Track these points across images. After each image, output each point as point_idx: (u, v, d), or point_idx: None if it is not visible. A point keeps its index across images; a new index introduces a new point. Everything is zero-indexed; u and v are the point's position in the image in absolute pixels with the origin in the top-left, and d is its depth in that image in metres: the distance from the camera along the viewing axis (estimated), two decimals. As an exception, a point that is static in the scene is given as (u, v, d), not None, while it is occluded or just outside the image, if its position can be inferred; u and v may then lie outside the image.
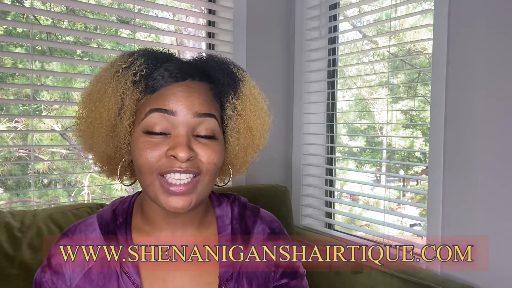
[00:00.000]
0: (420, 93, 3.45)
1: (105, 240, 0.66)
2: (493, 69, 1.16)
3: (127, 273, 0.64)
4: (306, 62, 1.79)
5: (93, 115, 0.63)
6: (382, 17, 2.86)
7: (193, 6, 1.85)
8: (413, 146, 3.93)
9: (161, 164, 0.59)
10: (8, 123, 3.35)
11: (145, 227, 0.68)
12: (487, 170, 1.17)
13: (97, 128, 0.63)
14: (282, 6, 1.83)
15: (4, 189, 3.42)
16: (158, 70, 0.64)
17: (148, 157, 0.59)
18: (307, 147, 1.81)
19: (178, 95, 0.61)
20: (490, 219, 1.17)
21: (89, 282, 0.64)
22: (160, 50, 0.68)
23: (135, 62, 0.63)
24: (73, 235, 0.68)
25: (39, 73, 2.50)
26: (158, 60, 0.65)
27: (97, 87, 0.64)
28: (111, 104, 0.62)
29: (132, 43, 1.61)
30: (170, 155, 0.59)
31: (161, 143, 0.60)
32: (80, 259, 0.65)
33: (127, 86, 0.62)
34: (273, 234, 0.74)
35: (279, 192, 1.58)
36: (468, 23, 1.21)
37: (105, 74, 0.64)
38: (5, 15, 3.24)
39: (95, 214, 0.71)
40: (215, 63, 0.69)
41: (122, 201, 0.72)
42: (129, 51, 0.67)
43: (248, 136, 0.69)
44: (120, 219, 0.68)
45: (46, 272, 0.67)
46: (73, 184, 3.64)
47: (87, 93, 0.65)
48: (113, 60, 0.66)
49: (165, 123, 0.60)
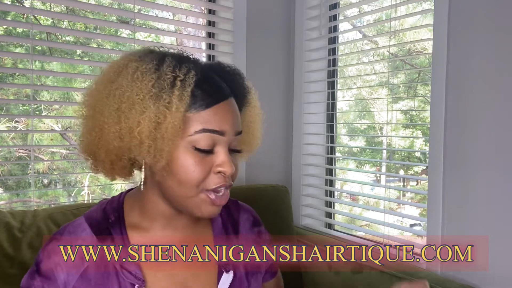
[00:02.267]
0: (420, 93, 3.45)
1: (98, 239, 0.65)
2: (493, 69, 1.16)
3: (127, 268, 0.64)
4: (306, 62, 1.79)
5: (128, 123, 0.59)
6: (382, 17, 2.86)
7: (193, 6, 1.85)
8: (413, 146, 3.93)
9: (210, 181, 0.62)
10: (8, 123, 3.36)
11: (143, 224, 0.69)
12: (487, 170, 1.17)
13: (130, 137, 0.60)
14: (282, 6, 1.83)
15: (4, 189, 3.42)
16: (210, 82, 0.63)
17: (198, 173, 0.61)
18: (307, 147, 1.81)
19: (227, 116, 0.63)
20: (490, 219, 1.17)
21: (87, 282, 0.63)
22: (194, 57, 0.68)
23: (189, 75, 0.60)
24: (62, 237, 0.66)
25: (39, 73, 2.50)
26: (206, 71, 0.65)
27: (140, 96, 0.59)
28: (156, 116, 0.59)
29: (132, 43, 1.61)
30: (218, 172, 0.63)
31: (207, 159, 0.62)
32: (74, 261, 0.64)
33: (183, 100, 0.59)
34: (255, 221, 0.83)
35: (279, 192, 1.58)
36: (468, 23, 1.21)
37: (149, 84, 0.59)
38: (5, 15, 3.24)
39: (80, 217, 0.69)
40: (233, 75, 0.71)
41: (110, 201, 0.71)
42: (173, 58, 0.63)
43: (251, 145, 0.75)
44: (112, 217, 0.68)
45: (35, 279, 0.64)
46: (73, 184, 3.64)
47: (126, 97, 0.60)
48: (149, 67, 0.60)
49: (212, 141, 0.62)
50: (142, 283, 0.64)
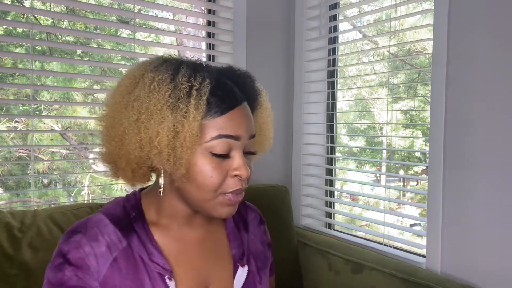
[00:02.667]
0: (420, 93, 3.45)
1: (122, 234, 0.67)
2: (493, 69, 1.16)
3: (154, 260, 0.67)
4: (306, 62, 1.79)
5: (148, 133, 0.61)
6: (382, 17, 2.86)
7: (193, 6, 1.85)
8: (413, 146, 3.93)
9: (227, 185, 0.65)
10: (8, 123, 3.36)
11: (162, 222, 0.71)
12: (487, 170, 1.17)
13: (150, 147, 0.61)
14: (282, 6, 1.83)
15: (4, 189, 3.42)
16: (224, 89, 0.65)
17: (216, 178, 0.64)
18: (307, 147, 1.82)
19: (242, 121, 0.65)
20: (490, 219, 1.17)
21: (118, 271, 0.65)
22: (205, 62, 0.70)
23: (204, 83, 0.62)
24: (86, 231, 0.67)
25: (39, 73, 2.50)
26: (217, 77, 0.66)
27: (158, 106, 0.60)
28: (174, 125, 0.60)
29: (132, 43, 1.61)
30: (235, 175, 0.65)
31: (224, 164, 0.65)
32: (102, 251, 0.65)
33: (199, 109, 0.61)
34: (261, 219, 0.87)
35: (279, 192, 1.58)
36: (468, 23, 1.21)
37: (166, 95, 0.61)
38: (5, 15, 3.24)
39: (97, 213, 0.71)
40: (245, 79, 0.72)
41: (126, 199, 0.73)
42: (188, 67, 0.64)
43: (261, 141, 0.76)
44: (133, 213, 0.70)
45: (65, 269, 0.64)
46: (73, 184, 3.64)
47: (144, 108, 0.61)
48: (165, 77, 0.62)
49: (228, 146, 0.65)
50: (171, 274, 0.66)
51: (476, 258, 1.19)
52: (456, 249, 1.24)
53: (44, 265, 0.68)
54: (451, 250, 1.25)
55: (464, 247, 1.22)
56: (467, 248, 1.22)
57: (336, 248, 1.43)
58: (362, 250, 1.40)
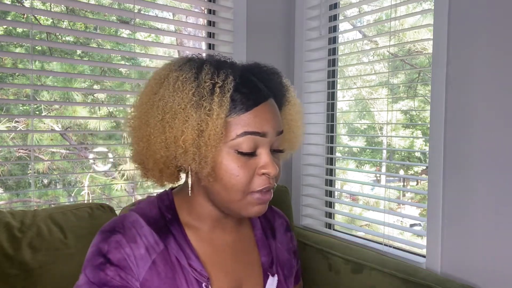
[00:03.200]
0: (420, 93, 3.45)
1: (159, 236, 0.66)
2: (493, 69, 1.16)
3: (192, 265, 0.66)
4: (306, 62, 1.79)
5: (173, 132, 0.61)
6: (382, 17, 2.87)
7: (193, 6, 1.85)
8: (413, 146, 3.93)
9: (254, 183, 0.64)
10: (8, 123, 3.36)
11: (194, 224, 0.70)
12: (487, 170, 1.17)
13: (176, 146, 0.61)
14: (282, 6, 1.83)
15: (4, 189, 3.42)
16: (248, 86, 0.64)
17: (243, 177, 0.63)
18: (307, 147, 1.82)
19: (268, 117, 0.64)
20: (490, 219, 1.17)
21: (157, 274, 0.64)
22: (232, 59, 0.70)
23: (227, 81, 0.62)
24: (125, 232, 0.65)
25: (39, 73, 2.50)
26: (244, 74, 0.66)
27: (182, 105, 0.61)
28: (198, 124, 0.60)
29: (132, 43, 1.61)
30: (262, 173, 0.64)
31: (251, 162, 0.63)
32: (141, 253, 0.64)
33: (223, 106, 0.60)
34: (287, 226, 0.86)
35: (279, 192, 1.57)
36: (468, 23, 1.21)
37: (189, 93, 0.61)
38: (5, 15, 3.24)
39: (131, 212, 0.69)
40: (272, 75, 0.72)
41: (160, 199, 0.72)
42: (211, 64, 0.64)
43: (292, 144, 0.77)
44: (169, 215, 0.69)
45: (107, 269, 0.62)
46: (73, 184, 3.64)
47: (169, 108, 0.61)
48: (189, 76, 0.62)
49: (254, 143, 0.63)
50: (208, 281, 0.66)
51: (476, 258, 1.19)
52: (456, 249, 1.24)
53: (44, 265, 0.68)
54: (451, 250, 1.25)
55: (464, 247, 1.22)
56: (467, 248, 1.22)
57: (336, 248, 1.43)
58: (362, 250, 1.40)
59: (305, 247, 1.53)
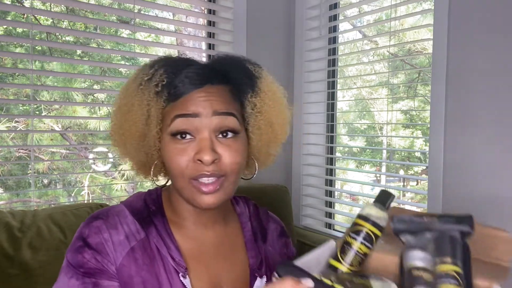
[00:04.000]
0: (420, 93, 3.45)
1: (141, 226, 0.68)
2: (493, 69, 1.16)
3: (172, 255, 0.67)
4: (306, 62, 1.79)
5: (123, 126, 0.67)
6: (382, 17, 2.87)
7: (193, 6, 1.85)
8: (413, 146, 3.93)
9: (191, 169, 0.64)
10: (8, 123, 3.36)
11: (178, 221, 0.72)
12: (487, 170, 1.17)
13: (128, 138, 0.67)
14: (282, 6, 1.83)
15: (4, 189, 3.42)
16: (178, 77, 0.67)
17: (178, 163, 0.64)
18: (307, 147, 1.82)
19: (198, 100, 0.65)
20: (490, 219, 1.17)
21: (134, 261, 0.65)
22: (179, 57, 0.73)
23: (156, 73, 0.66)
24: (107, 218, 0.68)
25: (39, 73, 2.50)
26: (178, 68, 0.68)
27: (125, 100, 0.68)
28: (138, 116, 0.66)
29: (132, 43, 1.61)
30: (197, 160, 0.63)
31: (188, 148, 0.64)
32: (120, 240, 0.66)
33: (151, 97, 0.65)
34: (282, 231, 0.85)
35: (279, 192, 1.57)
36: (468, 23, 1.21)
37: (130, 87, 0.68)
38: (5, 15, 3.24)
39: (119, 204, 0.72)
40: (232, 63, 0.73)
41: (148, 193, 0.75)
42: (151, 61, 0.70)
43: (269, 131, 0.73)
44: (153, 207, 0.71)
45: (85, 252, 0.64)
46: (73, 184, 3.64)
47: (117, 106, 0.69)
48: (136, 72, 0.69)
49: (190, 127, 0.64)
50: (185, 271, 0.66)
51: (476, 258, 1.19)
52: (456, 249, 1.24)
53: (44, 265, 0.68)
54: (451, 250, 1.25)
55: (464, 247, 1.22)
56: (467, 248, 1.22)
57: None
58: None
59: (305, 247, 1.53)
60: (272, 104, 0.72)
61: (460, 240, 0.52)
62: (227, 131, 0.65)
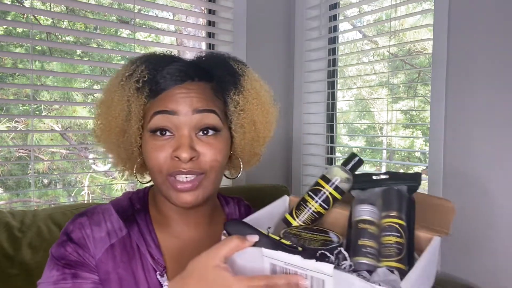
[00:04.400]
0: (420, 93, 3.45)
1: (124, 224, 0.69)
2: (493, 69, 1.16)
3: (151, 253, 0.67)
4: (306, 62, 1.79)
5: (105, 122, 0.68)
6: (382, 17, 2.86)
7: (193, 6, 1.85)
8: (413, 146, 3.93)
9: (168, 166, 0.63)
10: (8, 123, 3.35)
11: (162, 220, 0.72)
12: (487, 170, 1.17)
13: (109, 134, 0.68)
14: (282, 6, 1.83)
15: (4, 189, 3.42)
16: (160, 73, 0.66)
17: (156, 159, 0.63)
18: (307, 147, 1.81)
19: (177, 97, 0.64)
20: (490, 219, 1.17)
21: (112, 257, 0.66)
22: (162, 53, 0.72)
23: (137, 69, 0.66)
24: (92, 215, 0.69)
25: (39, 73, 2.50)
26: (160, 64, 0.68)
27: (106, 96, 0.68)
28: (117, 111, 0.66)
29: (132, 43, 1.61)
30: (174, 157, 0.63)
31: (166, 144, 0.64)
32: (101, 236, 0.67)
33: (131, 93, 0.65)
34: None
35: (279, 192, 1.57)
36: (468, 23, 1.21)
37: (111, 84, 0.68)
38: (5, 15, 3.24)
39: (108, 203, 0.73)
40: (215, 60, 0.72)
41: (136, 191, 0.75)
42: (133, 58, 0.71)
43: (252, 130, 0.72)
44: (138, 205, 0.72)
45: (68, 245, 0.66)
46: (73, 184, 3.64)
47: (99, 102, 0.70)
48: (118, 70, 0.70)
49: (169, 124, 0.64)
50: (163, 270, 0.67)
51: (476, 258, 1.19)
52: (456, 249, 1.24)
53: (44, 265, 0.69)
54: (451, 250, 1.25)
55: (464, 247, 1.22)
56: (467, 248, 1.22)
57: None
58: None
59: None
60: (256, 102, 0.72)
61: (406, 194, 0.55)
62: (207, 128, 0.65)
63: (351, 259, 0.49)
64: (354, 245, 0.51)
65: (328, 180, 0.59)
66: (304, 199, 0.60)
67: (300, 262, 0.45)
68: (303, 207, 0.60)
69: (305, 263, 0.44)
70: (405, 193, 0.55)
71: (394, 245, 0.49)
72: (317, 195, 0.59)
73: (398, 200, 0.54)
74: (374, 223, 0.52)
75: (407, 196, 0.55)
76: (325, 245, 0.50)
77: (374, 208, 0.54)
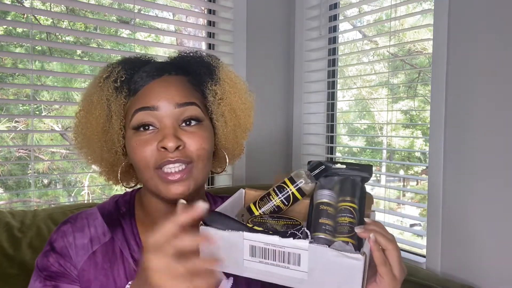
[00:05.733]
0: (420, 93, 3.45)
1: (109, 228, 0.69)
2: (493, 69, 1.16)
3: (134, 257, 0.67)
4: (306, 62, 1.79)
5: (86, 125, 0.68)
6: (382, 17, 2.86)
7: (193, 6, 1.85)
8: (413, 146, 3.93)
9: (155, 158, 0.63)
10: (8, 123, 3.35)
11: (146, 221, 0.72)
12: (487, 169, 1.17)
13: (92, 136, 0.68)
14: (282, 6, 1.83)
15: (4, 189, 3.42)
16: (137, 73, 0.68)
17: (142, 154, 0.64)
18: (307, 147, 1.81)
19: (157, 91, 0.65)
20: (490, 219, 1.17)
21: (94, 265, 0.66)
22: (138, 56, 0.74)
23: (114, 71, 0.68)
24: (76, 222, 0.70)
25: (39, 73, 2.50)
26: (136, 65, 0.70)
27: (85, 99, 0.69)
28: (98, 111, 0.67)
29: (132, 43, 1.61)
30: (160, 148, 0.63)
31: (151, 139, 0.64)
32: (84, 243, 0.67)
33: (110, 92, 0.66)
34: None
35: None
36: (468, 23, 1.21)
37: (90, 87, 0.69)
38: (5, 15, 3.24)
39: (95, 207, 0.73)
40: (188, 57, 0.74)
41: (123, 194, 0.75)
42: (110, 62, 0.72)
43: (233, 117, 0.74)
44: (123, 209, 0.72)
45: (50, 256, 0.67)
46: (73, 184, 3.64)
47: (79, 107, 0.70)
48: (97, 73, 0.71)
49: (151, 119, 0.64)
50: None
51: (476, 258, 1.19)
52: (456, 249, 1.24)
53: (44, 265, 0.69)
54: (451, 250, 1.25)
55: (464, 247, 1.22)
56: (467, 248, 1.22)
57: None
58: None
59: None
60: (233, 90, 0.73)
61: (360, 183, 0.65)
62: (190, 119, 0.66)
63: (311, 235, 0.57)
64: (315, 223, 0.59)
65: (294, 181, 0.65)
66: (269, 193, 0.65)
67: (279, 241, 0.53)
68: (266, 200, 0.65)
69: (283, 241, 0.53)
70: (359, 182, 0.65)
71: (347, 224, 0.58)
72: (281, 192, 0.64)
73: (352, 187, 0.63)
74: (332, 205, 0.61)
75: (360, 185, 0.64)
76: (289, 227, 0.57)
77: (332, 193, 0.63)
